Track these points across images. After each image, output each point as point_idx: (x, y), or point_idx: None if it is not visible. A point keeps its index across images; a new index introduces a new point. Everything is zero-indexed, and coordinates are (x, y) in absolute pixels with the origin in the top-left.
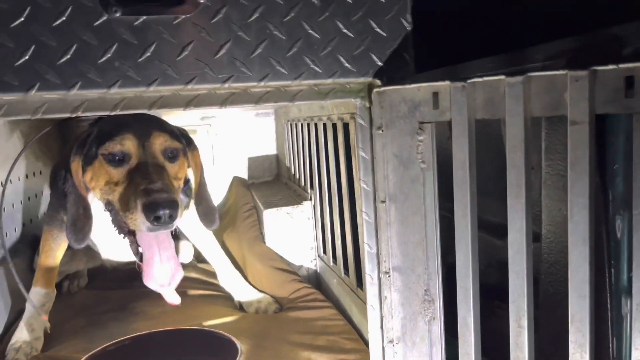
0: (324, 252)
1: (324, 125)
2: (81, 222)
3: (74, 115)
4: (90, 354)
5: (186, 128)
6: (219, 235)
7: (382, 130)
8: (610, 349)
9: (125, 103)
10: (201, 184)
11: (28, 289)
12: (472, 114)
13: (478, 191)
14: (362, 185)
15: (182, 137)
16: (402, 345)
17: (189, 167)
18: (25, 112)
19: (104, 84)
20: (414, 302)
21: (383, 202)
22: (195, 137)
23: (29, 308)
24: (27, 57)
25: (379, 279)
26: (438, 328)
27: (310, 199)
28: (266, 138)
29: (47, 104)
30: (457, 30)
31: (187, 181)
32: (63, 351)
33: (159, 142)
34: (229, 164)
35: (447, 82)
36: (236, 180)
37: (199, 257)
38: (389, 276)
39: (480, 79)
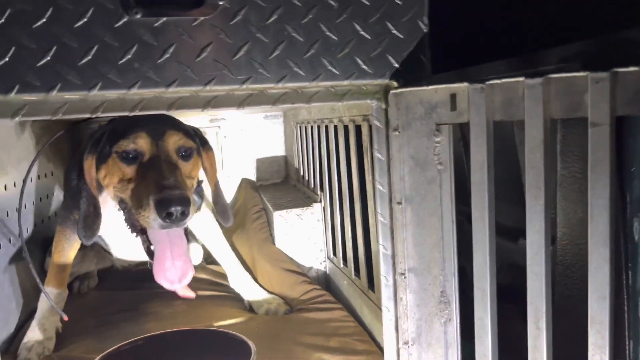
0: (334, 254)
1: (335, 127)
2: (91, 220)
3: (93, 116)
4: (104, 353)
5: None
6: (228, 236)
7: (399, 132)
8: (627, 352)
9: (144, 104)
10: (217, 183)
11: (39, 290)
12: (490, 115)
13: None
14: (377, 186)
15: (197, 137)
16: (417, 346)
17: (203, 167)
18: (46, 113)
19: (123, 84)
20: (429, 304)
21: (399, 203)
22: None
23: (41, 307)
24: (48, 58)
25: (394, 280)
26: (454, 330)
27: (320, 201)
28: (275, 140)
29: (68, 104)
30: (472, 33)
31: (200, 182)
32: (75, 351)
33: (173, 141)
34: (238, 166)
35: (465, 84)
36: (245, 182)
37: (207, 259)
38: (405, 277)
39: (498, 81)
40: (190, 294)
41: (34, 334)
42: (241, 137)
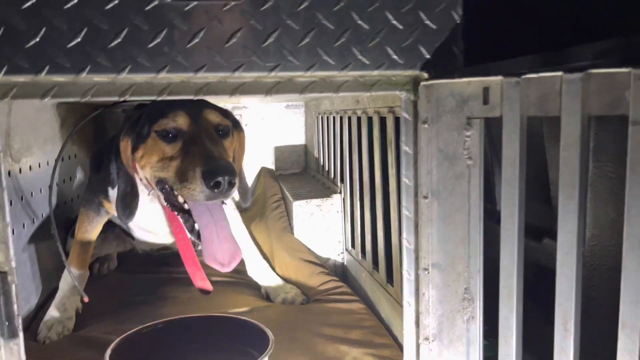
0: (352, 246)
1: (359, 118)
2: (129, 199)
3: (121, 99)
4: (124, 335)
5: None
6: (246, 225)
7: (428, 125)
8: None
9: (172, 88)
10: (241, 164)
11: (60, 271)
12: (524, 110)
13: None
14: (403, 179)
15: (229, 118)
16: (438, 343)
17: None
18: (75, 94)
19: (152, 68)
20: (452, 300)
21: (425, 197)
22: None
23: (62, 287)
24: (79, 40)
25: (417, 275)
26: (477, 327)
27: (340, 193)
28: (295, 130)
29: (97, 86)
30: (506, 25)
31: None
32: (94, 332)
33: (211, 118)
34: (258, 155)
35: (499, 77)
36: (264, 171)
37: None
38: (428, 273)
39: (535, 75)
40: (208, 287)
41: (54, 313)
42: (262, 126)
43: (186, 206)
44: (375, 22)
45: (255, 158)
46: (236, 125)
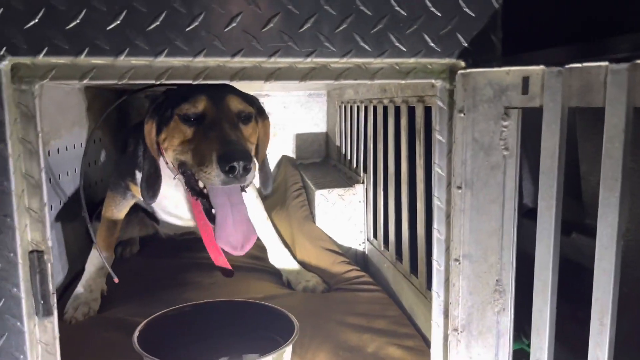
0: (375, 236)
1: (385, 107)
2: (152, 180)
3: (157, 82)
4: (151, 317)
5: None
6: (267, 213)
7: (464, 114)
8: None
9: (208, 72)
10: (265, 152)
11: (84, 253)
12: (565, 101)
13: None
14: (436, 169)
15: (254, 105)
16: (467, 334)
17: (258, 134)
18: (113, 77)
19: (190, 52)
20: (483, 292)
21: (459, 188)
22: None
23: (88, 269)
24: (118, 22)
25: (447, 265)
26: (507, 319)
27: (363, 182)
28: (317, 119)
29: (134, 69)
30: (546, 14)
31: (256, 148)
32: (119, 314)
33: (233, 104)
34: (278, 143)
35: (541, 67)
36: (285, 159)
37: None
38: (459, 263)
39: (579, 65)
40: (228, 266)
41: (80, 294)
42: (284, 115)
43: (205, 191)
44: (414, 9)
45: (277, 146)
46: (261, 112)
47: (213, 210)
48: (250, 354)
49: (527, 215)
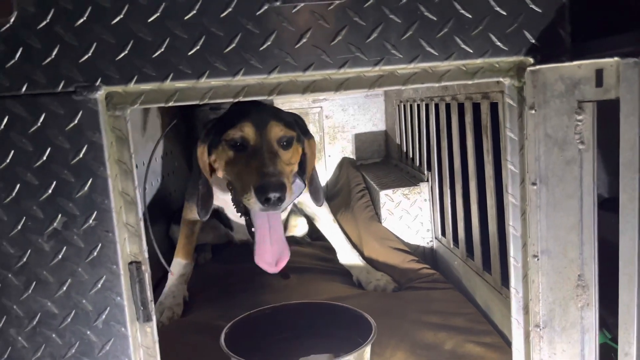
0: (443, 234)
1: (447, 105)
2: (205, 199)
3: (235, 100)
4: (235, 319)
5: (297, 112)
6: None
7: (535, 110)
8: None
9: (281, 88)
10: (314, 168)
11: (168, 258)
12: None
13: (614, 172)
14: (509, 166)
15: (297, 126)
16: (549, 330)
17: (304, 153)
18: (194, 98)
19: (264, 70)
20: (564, 287)
21: (534, 184)
22: (306, 120)
23: (170, 277)
24: (198, 47)
25: (525, 262)
26: (592, 315)
27: (427, 181)
28: (375, 119)
29: (213, 90)
30: (614, 6)
31: (302, 164)
32: (201, 317)
33: (275, 132)
34: (339, 146)
35: (615, 59)
36: (346, 161)
37: (312, 235)
38: (537, 260)
39: None
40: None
41: (165, 299)
42: (342, 117)
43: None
44: (478, 10)
45: (337, 149)
46: (305, 133)
47: (253, 229)
48: (330, 354)
49: (602, 206)
